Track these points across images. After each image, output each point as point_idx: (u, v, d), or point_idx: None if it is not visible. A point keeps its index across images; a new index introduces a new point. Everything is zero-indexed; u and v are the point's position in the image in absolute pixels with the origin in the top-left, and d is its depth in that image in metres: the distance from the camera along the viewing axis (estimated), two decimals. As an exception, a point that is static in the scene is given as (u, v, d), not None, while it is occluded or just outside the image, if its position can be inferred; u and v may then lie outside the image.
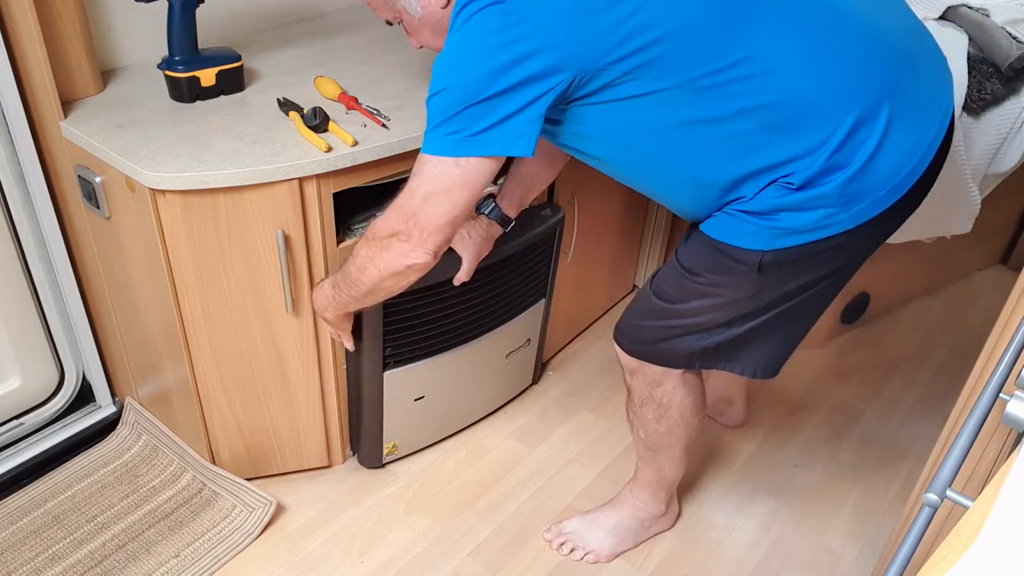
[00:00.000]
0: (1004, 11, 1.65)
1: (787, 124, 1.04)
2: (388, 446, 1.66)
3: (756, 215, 1.10)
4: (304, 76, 1.52)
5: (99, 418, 1.71)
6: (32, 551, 1.46)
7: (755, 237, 1.12)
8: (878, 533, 1.63)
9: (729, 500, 1.69)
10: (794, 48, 1.03)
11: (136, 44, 1.55)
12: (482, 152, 1.03)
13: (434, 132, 1.05)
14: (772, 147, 1.05)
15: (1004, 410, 0.69)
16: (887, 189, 1.08)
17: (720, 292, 1.19)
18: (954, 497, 0.65)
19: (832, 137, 1.04)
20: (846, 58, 1.05)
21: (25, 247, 1.51)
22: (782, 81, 1.03)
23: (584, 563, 1.54)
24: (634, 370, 1.36)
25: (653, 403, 1.37)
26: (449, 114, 1.02)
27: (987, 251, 2.40)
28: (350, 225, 1.45)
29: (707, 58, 1.01)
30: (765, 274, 1.14)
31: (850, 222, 1.09)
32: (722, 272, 1.17)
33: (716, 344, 1.24)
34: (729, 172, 1.08)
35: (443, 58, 1.04)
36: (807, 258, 1.13)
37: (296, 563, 1.51)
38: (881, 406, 1.95)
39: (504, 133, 1.02)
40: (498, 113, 1.01)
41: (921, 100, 1.09)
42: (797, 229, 1.09)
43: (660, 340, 1.29)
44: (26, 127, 1.38)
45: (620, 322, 1.35)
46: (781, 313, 1.21)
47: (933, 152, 1.11)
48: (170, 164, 1.25)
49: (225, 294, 1.37)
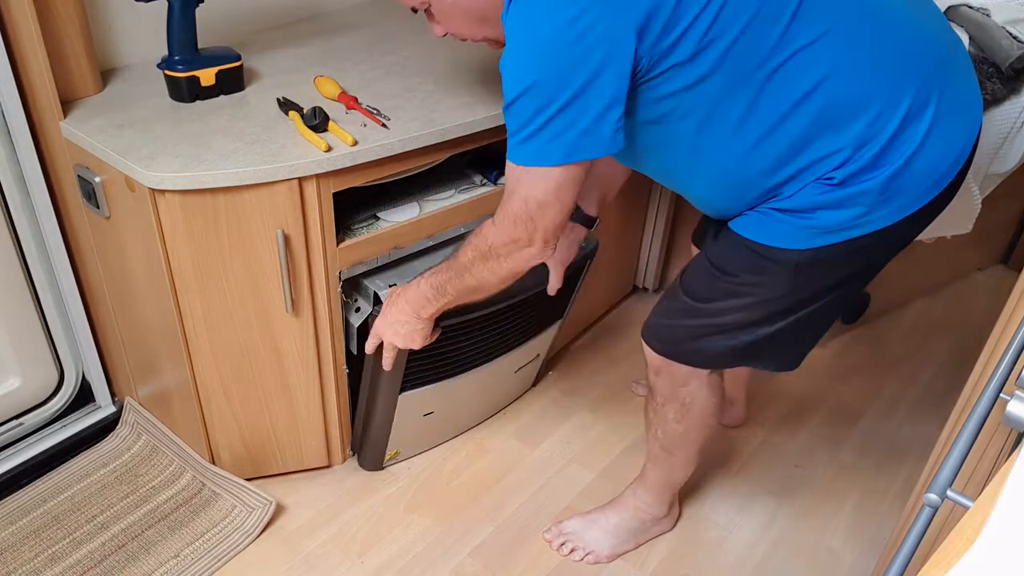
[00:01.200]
0: (1004, 11, 1.65)
1: (839, 118, 1.03)
2: (390, 453, 1.67)
3: (792, 213, 1.09)
4: (304, 76, 1.52)
5: (99, 418, 1.71)
6: (32, 551, 1.46)
7: (792, 237, 1.11)
8: (878, 533, 1.63)
9: (729, 500, 1.69)
10: (847, 42, 1.01)
11: (136, 44, 1.55)
12: (585, 156, 1.01)
13: (532, 141, 1.00)
14: (821, 142, 1.04)
15: (1004, 410, 0.69)
16: (925, 186, 1.08)
17: (753, 291, 1.18)
18: (954, 497, 0.65)
19: (882, 131, 1.03)
20: (897, 53, 1.04)
21: (25, 247, 1.51)
22: (839, 74, 1.01)
23: (584, 563, 1.54)
24: (660, 368, 1.35)
25: (676, 402, 1.36)
26: (543, 119, 0.98)
27: (987, 251, 2.40)
28: (350, 225, 1.45)
29: (766, 48, 0.99)
30: (800, 274, 1.14)
31: (887, 219, 1.09)
32: (757, 272, 1.17)
33: (745, 344, 1.24)
34: (777, 169, 1.07)
35: (515, 55, 0.99)
36: (842, 256, 1.13)
37: (296, 563, 1.51)
38: (881, 406, 1.95)
39: (602, 131, 0.99)
40: (592, 108, 0.97)
41: (960, 99, 1.09)
42: (835, 227, 1.09)
43: (690, 339, 1.28)
44: (26, 127, 1.38)
45: (649, 320, 1.34)
46: (812, 312, 1.20)
47: (968, 152, 1.11)
48: (170, 164, 1.25)
49: (225, 294, 1.37)
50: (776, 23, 0.99)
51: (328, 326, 1.47)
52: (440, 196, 1.56)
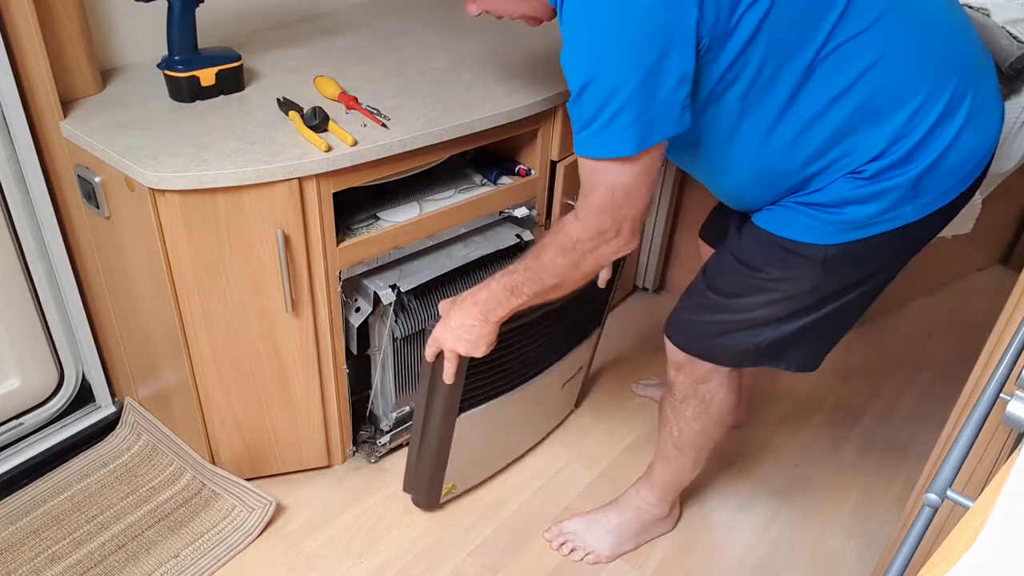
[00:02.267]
0: (1004, 10, 1.65)
1: (882, 108, 1.02)
2: (447, 487, 1.59)
3: (821, 207, 1.09)
4: (304, 76, 1.52)
5: (99, 418, 1.71)
6: (32, 551, 1.46)
7: (819, 232, 1.11)
8: (878, 533, 1.63)
9: (729, 500, 1.69)
10: (896, 31, 1.01)
11: (136, 44, 1.55)
12: (659, 138, 1.00)
13: (608, 130, 0.99)
14: (860, 134, 1.03)
15: (1004, 410, 0.69)
16: (952, 183, 1.08)
17: (779, 287, 1.18)
18: (954, 497, 0.65)
19: (921, 125, 1.03)
20: (940, 46, 1.05)
21: (25, 247, 1.51)
22: (888, 61, 1.01)
23: (584, 563, 1.54)
24: (681, 365, 1.34)
25: (695, 399, 1.36)
26: (615, 107, 0.96)
27: (987, 251, 2.40)
28: (350, 225, 1.45)
29: (821, 32, 0.99)
30: (828, 269, 1.14)
31: (914, 215, 1.09)
32: (783, 268, 1.16)
33: (769, 341, 1.24)
34: (814, 159, 1.06)
35: (578, 45, 0.97)
36: (868, 252, 1.13)
37: (296, 563, 1.51)
38: (881, 406, 1.95)
39: (673, 110, 0.98)
40: (662, 88, 0.96)
41: (988, 101, 1.09)
42: (863, 222, 1.08)
43: (714, 335, 1.28)
44: (26, 127, 1.38)
45: (672, 317, 1.34)
46: (836, 309, 1.20)
47: (993, 151, 1.11)
48: (170, 164, 1.25)
49: (225, 294, 1.37)
50: (831, 8, 0.98)
51: (328, 326, 1.47)
52: (440, 196, 1.56)
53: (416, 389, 1.69)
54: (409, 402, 1.70)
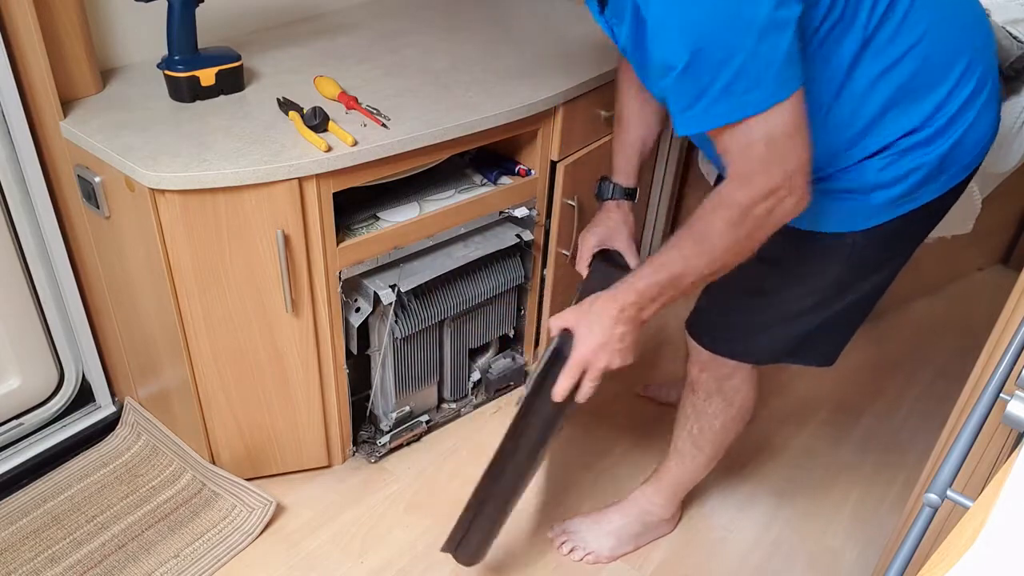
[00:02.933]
0: (1004, 11, 1.65)
1: (923, 85, 1.02)
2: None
3: (847, 193, 1.08)
4: (304, 76, 1.52)
5: (99, 418, 1.71)
6: (31, 551, 1.46)
7: (844, 220, 1.10)
8: (878, 533, 1.63)
9: (729, 500, 1.69)
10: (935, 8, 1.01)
11: (136, 44, 1.55)
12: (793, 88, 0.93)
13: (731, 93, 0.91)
14: (899, 110, 1.02)
15: (1004, 410, 0.69)
16: (967, 161, 1.08)
17: (803, 281, 1.18)
18: (954, 497, 0.65)
19: (953, 100, 1.03)
20: (969, 22, 1.06)
21: (25, 247, 1.51)
22: (930, 39, 1.00)
23: (584, 563, 1.54)
24: (706, 364, 1.34)
25: (720, 397, 1.36)
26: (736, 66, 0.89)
27: (987, 251, 2.40)
28: (350, 225, 1.45)
29: (880, 6, 0.97)
30: (851, 257, 1.14)
31: (936, 191, 1.09)
32: (806, 260, 1.16)
33: (794, 336, 1.24)
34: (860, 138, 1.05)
35: (679, 7, 0.90)
36: (889, 236, 1.12)
37: (296, 563, 1.51)
38: (881, 406, 1.95)
39: (793, 57, 0.91)
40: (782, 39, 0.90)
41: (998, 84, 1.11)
42: (887, 203, 1.08)
43: (740, 333, 1.28)
44: (26, 127, 1.38)
45: (694, 317, 1.34)
46: (856, 300, 1.21)
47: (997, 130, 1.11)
48: (170, 164, 1.25)
49: (225, 294, 1.37)
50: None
51: (328, 326, 1.47)
52: (440, 196, 1.56)
53: (416, 389, 1.70)
54: (409, 402, 1.70)
